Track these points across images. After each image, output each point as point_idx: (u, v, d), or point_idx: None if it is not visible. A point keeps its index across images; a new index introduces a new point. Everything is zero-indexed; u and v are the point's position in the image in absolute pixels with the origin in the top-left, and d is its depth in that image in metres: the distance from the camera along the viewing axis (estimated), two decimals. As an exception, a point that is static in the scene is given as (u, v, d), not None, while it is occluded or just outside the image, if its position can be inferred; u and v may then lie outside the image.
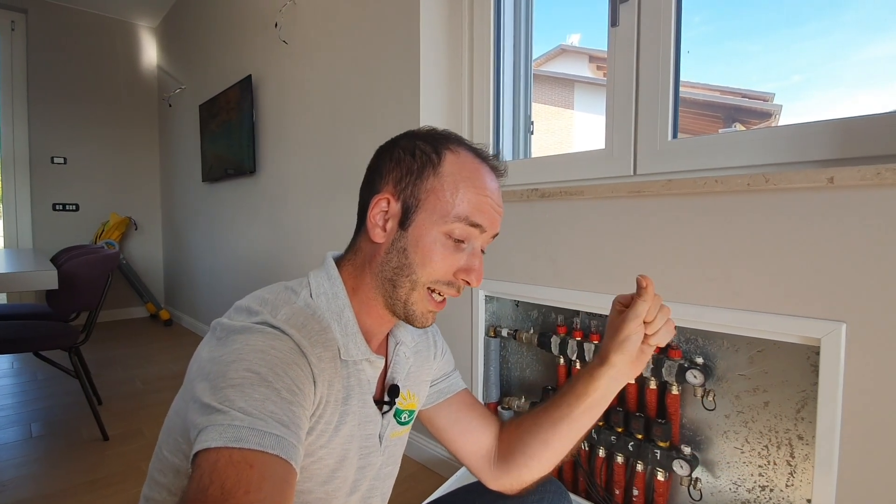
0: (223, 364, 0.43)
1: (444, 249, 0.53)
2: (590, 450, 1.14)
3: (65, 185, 3.60)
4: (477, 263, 0.55)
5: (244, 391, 0.41)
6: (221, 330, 0.49)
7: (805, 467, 0.85)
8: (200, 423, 0.40)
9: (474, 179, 0.54)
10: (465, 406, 0.72)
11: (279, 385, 0.43)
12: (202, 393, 0.42)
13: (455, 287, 0.55)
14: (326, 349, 0.51)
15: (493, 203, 0.55)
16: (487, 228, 0.55)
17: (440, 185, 0.54)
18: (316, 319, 0.52)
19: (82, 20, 3.62)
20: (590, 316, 1.15)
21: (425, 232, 0.53)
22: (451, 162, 0.55)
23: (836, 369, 0.76)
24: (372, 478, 0.60)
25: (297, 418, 0.43)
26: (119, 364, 2.67)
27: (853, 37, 0.97)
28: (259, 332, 0.47)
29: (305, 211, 2.14)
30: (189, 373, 0.49)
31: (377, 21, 1.64)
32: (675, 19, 1.06)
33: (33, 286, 1.34)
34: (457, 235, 0.53)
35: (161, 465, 0.52)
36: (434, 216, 0.53)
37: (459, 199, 0.53)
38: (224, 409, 0.40)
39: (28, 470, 1.52)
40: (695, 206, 0.93)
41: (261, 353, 0.44)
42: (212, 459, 0.37)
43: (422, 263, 0.53)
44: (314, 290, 0.55)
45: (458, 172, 0.54)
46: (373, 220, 0.56)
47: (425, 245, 0.53)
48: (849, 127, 0.84)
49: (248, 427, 0.39)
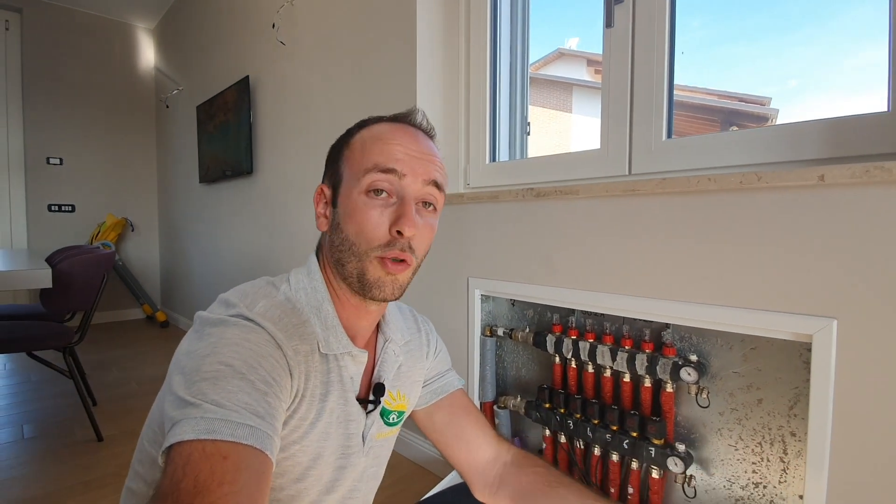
0: (198, 357, 0.43)
1: (370, 209, 0.52)
2: (584, 448, 1.15)
3: (61, 185, 3.58)
4: (406, 210, 0.51)
5: (217, 384, 0.41)
6: (200, 323, 0.49)
7: (798, 463, 0.86)
8: (174, 416, 0.40)
9: (382, 135, 0.54)
10: (459, 409, 0.70)
11: (253, 377, 0.43)
12: (177, 386, 0.42)
13: (397, 246, 0.52)
14: (304, 342, 0.51)
15: (408, 149, 0.53)
16: (407, 172, 0.52)
17: (351, 153, 0.55)
18: (295, 313, 0.52)
19: (78, 20, 3.61)
20: (585, 315, 1.15)
21: (349, 199, 0.53)
22: (363, 132, 0.56)
23: (827, 365, 0.77)
24: (354, 479, 0.58)
25: (272, 409, 0.43)
26: (114, 365, 2.65)
27: (848, 42, 0.99)
28: (234, 324, 0.47)
29: (303, 212, 2.14)
30: (171, 365, 0.49)
31: (374, 23, 1.65)
32: (670, 20, 1.07)
33: (27, 285, 1.34)
34: (375, 187, 0.52)
35: (141, 455, 0.53)
36: (352, 180, 0.53)
37: (367, 153, 0.53)
38: (197, 402, 0.39)
39: (20, 471, 1.50)
40: (688, 204, 0.94)
41: (235, 346, 0.44)
42: (185, 453, 0.37)
43: (356, 232, 0.52)
44: (294, 285, 0.56)
45: (367, 137, 0.55)
46: (318, 212, 0.58)
47: (352, 210, 0.53)
48: (839, 126, 0.85)
49: (221, 419, 0.38)
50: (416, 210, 0.53)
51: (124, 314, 3.92)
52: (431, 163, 0.55)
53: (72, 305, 1.84)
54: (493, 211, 1.32)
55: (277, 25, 2.17)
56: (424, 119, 0.59)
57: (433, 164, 0.55)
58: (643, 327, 1.04)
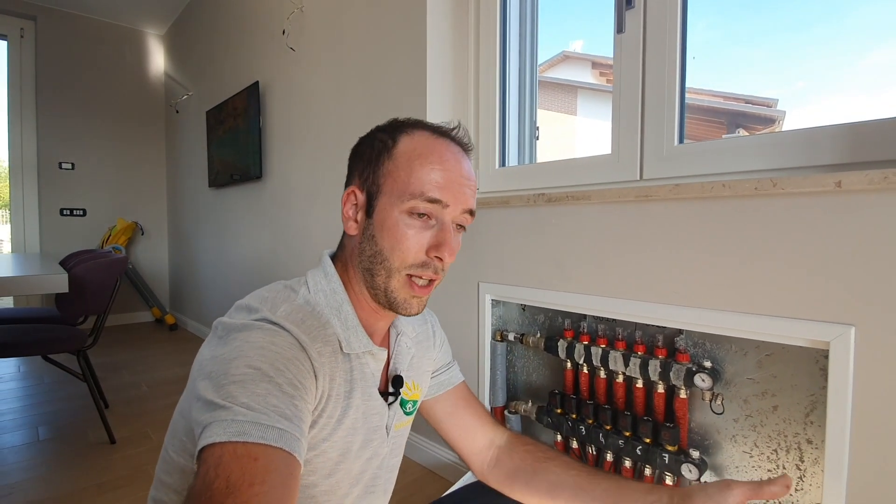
0: (225, 361, 0.44)
1: (409, 228, 0.52)
2: (597, 454, 1.14)
3: (72, 190, 3.63)
4: (447, 237, 0.53)
5: (246, 387, 0.41)
6: (222, 329, 0.49)
7: (814, 472, 0.85)
8: (204, 419, 0.40)
9: (429, 154, 0.53)
10: (461, 400, 0.74)
11: (281, 380, 0.43)
12: (205, 391, 0.42)
13: (431, 268, 0.54)
14: (326, 344, 0.51)
15: (452, 175, 0.53)
16: (450, 203, 0.53)
17: (395, 166, 0.54)
18: (315, 315, 0.53)
19: (91, 27, 3.67)
20: (597, 320, 1.15)
21: (388, 214, 0.53)
22: (404, 143, 0.55)
23: (845, 372, 0.76)
24: (377, 467, 0.61)
25: (299, 412, 0.44)
26: (125, 368, 2.68)
27: (857, 43, 0.98)
28: (259, 328, 0.47)
29: (312, 217, 2.15)
30: (192, 373, 0.50)
31: (384, 28, 1.66)
32: (681, 25, 1.07)
33: (45, 289, 1.36)
34: (418, 211, 0.52)
35: (167, 466, 0.53)
36: (393, 197, 0.53)
37: (414, 176, 0.52)
38: (227, 404, 0.40)
39: (36, 473, 1.52)
40: (702, 210, 0.94)
41: (261, 350, 0.45)
42: (217, 454, 0.38)
43: (391, 247, 0.53)
44: (312, 288, 0.56)
45: (412, 150, 0.54)
46: (346, 214, 0.57)
47: (390, 227, 0.53)
48: (857, 132, 0.84)
49: (251, 421, 0.39)
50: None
51: (134, 317, 3.95)
52: (471, 189, 0.56)
53: (86, 309, 1.86)
54: (504, 216, 1.32)
55: (287, 31, 2.19)
56: (466, 135, 0.59)
57: (472, 191, 0.56)
58: (656, 333, 1.03)
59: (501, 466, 0.71)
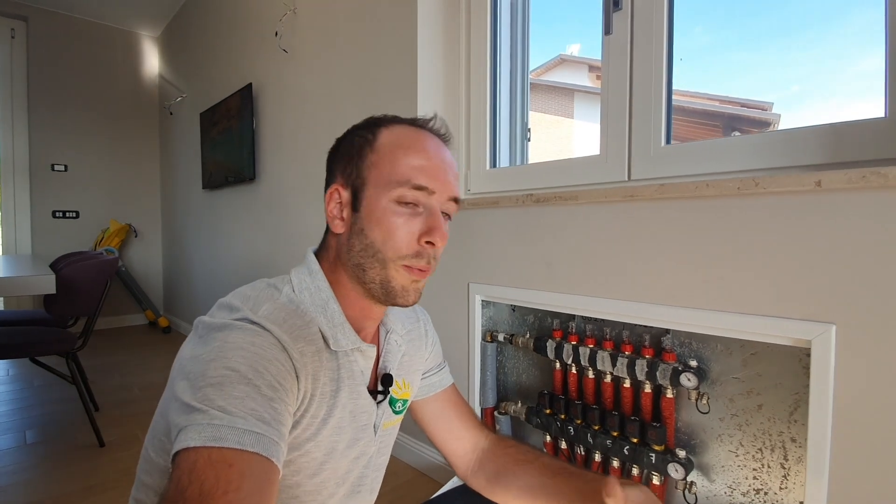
0: (203, 362, 0.43)
1: (398, 217, 0.52)
2: (585, 454, 1.14)
3: (65, 192, 3.61)
4: (437, 222, 0.53)
5: (223, 389, 0.41)
6: (203, 327, 0.49)
7: (798, 469, 0.85)
8: (180, 422, 0.40)
9: (411, 144, 0.54)
10: (450, 404, 0.74)
11: (259, 382, 0.43)
12: (182, 392, 0.42)
13: (425, 257, 0.54)
14: (310, 343, 0.51)
15: (435, 162, 0.54)
16: (436, 189, 0.53)
17: (378, 157, 0.54)
18: (298, 314, 0.52)
19: (84, 29, 3.66)
20: (585, 320, 1.16)
21: (376, 205, 0.53)
22: (385, 135, 0.55)
23: (826, 370, 0.77)
24: (363, 466, 0.60)
25: (278, 415, 0.43)
26: (117, 371, 2.66)
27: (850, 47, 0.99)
28: (239, 328, 0.46)
29: (305, 218, 2.15)
30: (172, 371, 0.49)
31: (375, 30, 1.67)
32: (668, 27, 1.08)
33: (31, 290, 1.35)
34: (405, 200, 0.53)
35: (148, 466, 0.52)
36: (379, 188, 0.53)
37: (399, 164, 0.53)
38: (203, 408, 0.39)
39: (22, 477, 1.51)
40: (687, 209, 0.94)
41: (241, 351, 0.44)
42: (191, 459, 0.37)
43: (383, 239, 0.52)
44: (297, 286, 0.55)
45: (394, 141, 0.54)
46: (331, 213, 0.57)
47: (379, 217, 0.53)
48: (837, 132, 0.85)
49: (227, 426, 0.39)
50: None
51: (127, 320, 3.93)
52: (454, 176, 0.57)
53: (75, 311, 1.85)
54: (493, 217, 1.33)
55: (280, 34, 2.19)
56: (443, 125, 0.59)
57: (455, 179, 0.57)
58: (643, 333, 1.04)
59: (483, 469, 0.70)
